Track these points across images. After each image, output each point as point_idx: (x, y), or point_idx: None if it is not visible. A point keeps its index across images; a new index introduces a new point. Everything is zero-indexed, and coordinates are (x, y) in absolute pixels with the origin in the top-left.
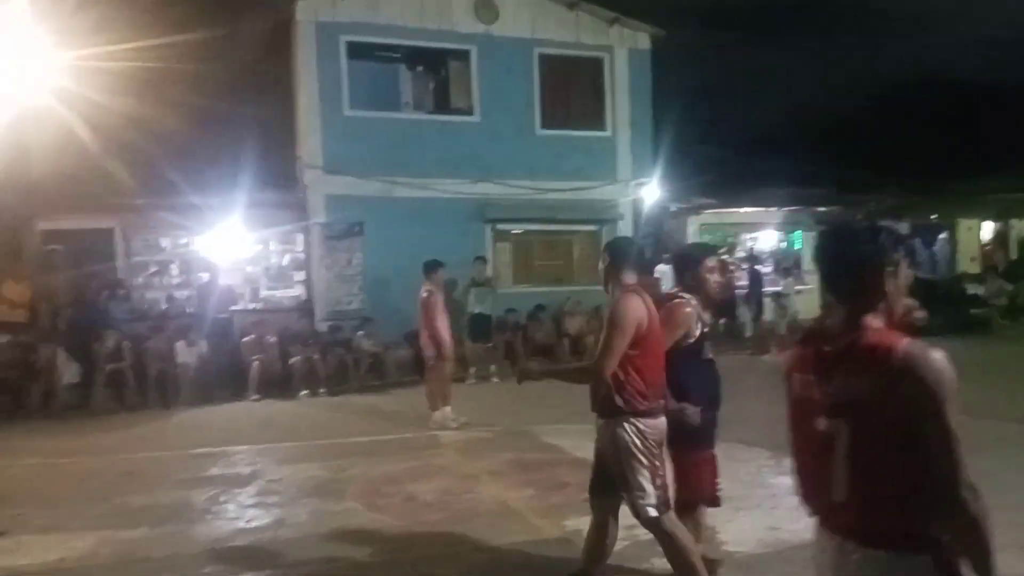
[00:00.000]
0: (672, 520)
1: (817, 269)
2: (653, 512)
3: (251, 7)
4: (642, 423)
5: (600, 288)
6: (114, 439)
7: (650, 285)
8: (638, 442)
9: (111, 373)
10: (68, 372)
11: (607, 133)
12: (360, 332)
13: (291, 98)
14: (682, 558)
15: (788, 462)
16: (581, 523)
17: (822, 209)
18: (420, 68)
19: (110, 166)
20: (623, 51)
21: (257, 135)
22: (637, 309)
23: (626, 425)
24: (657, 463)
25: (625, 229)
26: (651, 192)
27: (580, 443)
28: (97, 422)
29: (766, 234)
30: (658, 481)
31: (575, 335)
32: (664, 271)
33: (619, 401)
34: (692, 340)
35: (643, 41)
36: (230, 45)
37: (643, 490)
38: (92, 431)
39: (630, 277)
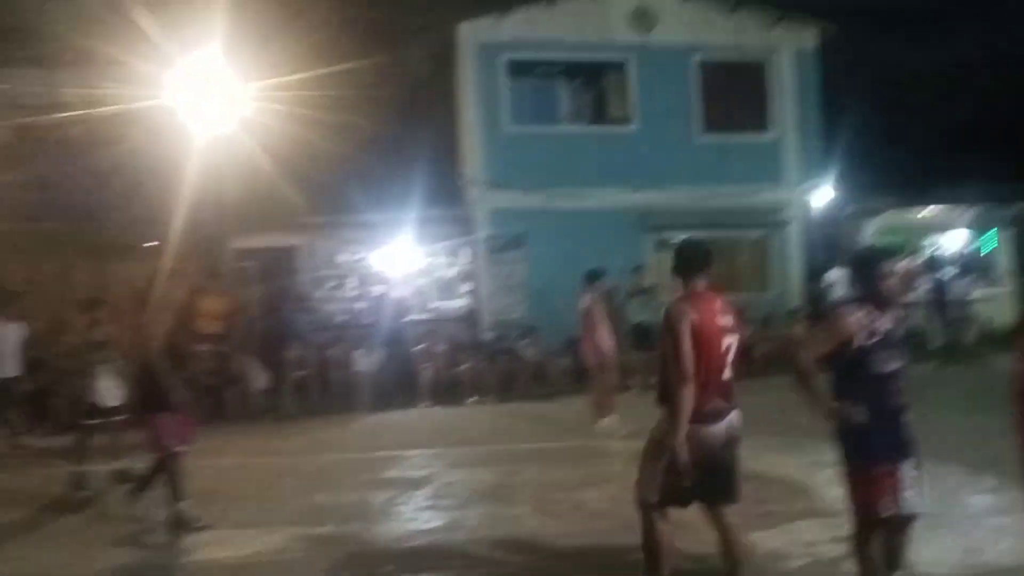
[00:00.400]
0: (661, 514)
1: None
2: (652, 500)
3: (418, 32)
4: (690, 426)
5: (768, 296)
6: (301, 442)
7: (819, 293)
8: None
9: (297, 380)
10: (259, 379)
11: (772, 136)
12: (523, 341)
13: (456, 117)
14: (649, 545)
15: (985, 478)
16: (757, 537)
17: (1020, 205)
18: (578, 81)
19: (294, 187)
20: (788, 51)
21: (426, 154)
22: (682, 312)
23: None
24: (681, 465)
25: (795, 234)
26: (822, 195)
27: (751, 456)
28: (285, 426)
29: (953, 235)
30: (669, 479)
31: (744, 345)
32: (836, 277)
33: (670, 400)
34: (856, 349)
35: (809, 39)
36: (399, 69)
37: (653, 479)
38: (281, 434)
39: (693, 283)
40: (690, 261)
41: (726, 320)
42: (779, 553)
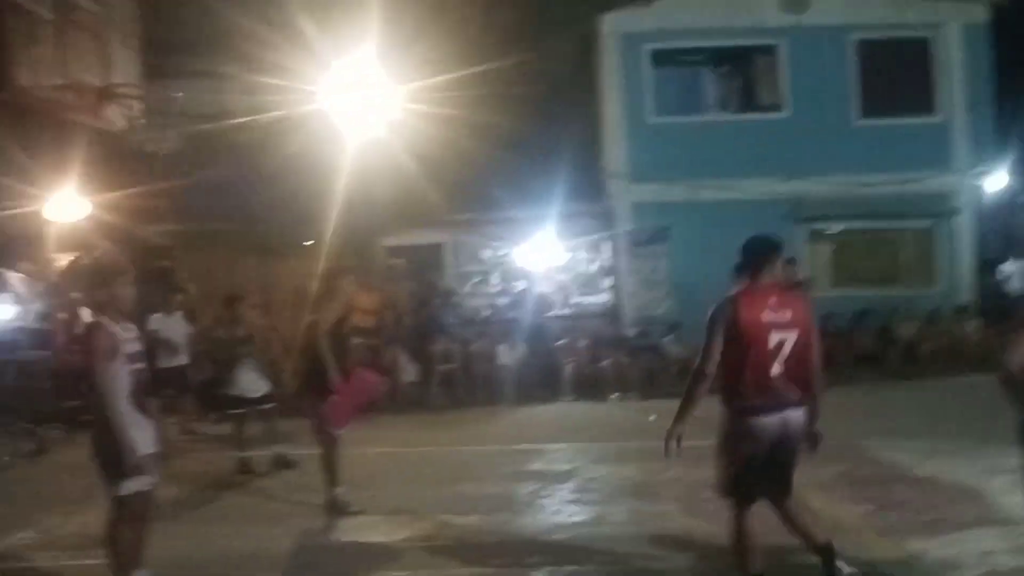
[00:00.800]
0: (743, 512)
1: None
2: (721, 494)
3: (560, 26)
4: (739, 419)
5: (935, 291)
6: (447, 433)
7: (993, 287)
8: (727, 432)
9: (443, 373)
10: (408, 372)
11: (938, 118)
12: (668, 337)
13: (598, 110)
14: (734, 542)
15: None
16: (926, 545)
17: None
18: (724, 68)
19: (440, 186)
20: (955, 26)
21: (568, 148)
22: (723, 311)
23: (726, 417)
24: (735, 455)
25: (965, 223)
26: (996, 181)
27: (917, 460)
28: (433, 417)
29: None
30: (731, 471)
31: (908, 342)
32: (1013, 270)
33: (723, 395)
34: None
35: (979, 13)
36: (542, 65)
37: (719, 471)
38: (429, 425)
39: (756, 278)
40: (751, 256)
41: (779, 316)
42: (951, 562)
